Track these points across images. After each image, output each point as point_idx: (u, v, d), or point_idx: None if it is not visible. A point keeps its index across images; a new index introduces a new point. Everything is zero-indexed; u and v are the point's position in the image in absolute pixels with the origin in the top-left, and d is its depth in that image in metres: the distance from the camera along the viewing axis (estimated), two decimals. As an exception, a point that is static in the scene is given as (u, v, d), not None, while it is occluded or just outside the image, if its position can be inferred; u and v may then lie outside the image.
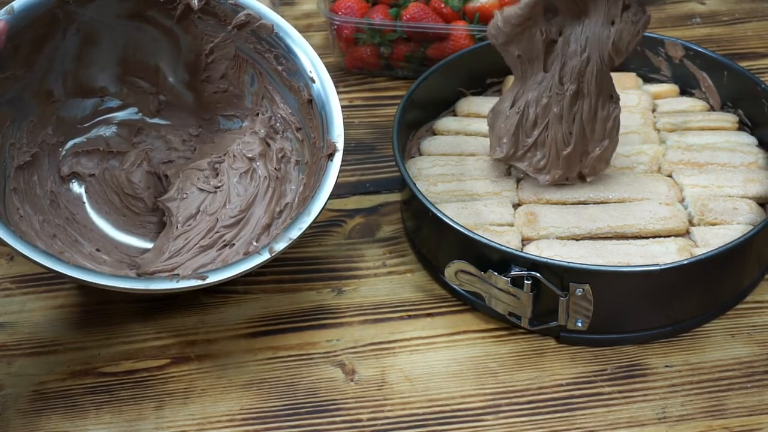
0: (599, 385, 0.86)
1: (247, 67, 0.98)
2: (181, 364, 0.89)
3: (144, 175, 0.98)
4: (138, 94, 1.01)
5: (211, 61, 0.98)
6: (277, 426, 0.83)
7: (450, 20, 1.17)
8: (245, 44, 0.97)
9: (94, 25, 0.94)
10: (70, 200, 0.96)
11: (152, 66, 0.99)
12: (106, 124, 1.00)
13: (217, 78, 0.99)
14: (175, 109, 1.02)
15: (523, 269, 0.85)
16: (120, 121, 1.00)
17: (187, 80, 1.00)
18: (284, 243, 0.83)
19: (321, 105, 0.92)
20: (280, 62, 0.95)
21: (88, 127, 0.99)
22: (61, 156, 0.96)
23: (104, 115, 1.00)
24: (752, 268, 0.93)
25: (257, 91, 0.99)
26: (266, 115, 0.98)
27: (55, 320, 0.93)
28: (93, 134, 0.99)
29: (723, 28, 1.28)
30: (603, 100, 0.94)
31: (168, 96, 1.01)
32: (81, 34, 0.94)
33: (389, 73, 1.21)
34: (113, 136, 1.00)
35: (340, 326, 0.91)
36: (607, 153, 0.95)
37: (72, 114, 0.97)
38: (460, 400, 0.85)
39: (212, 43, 0.97)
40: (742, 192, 0.95)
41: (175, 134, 1.01)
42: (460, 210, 0.94)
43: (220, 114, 1.01)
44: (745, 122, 1.05)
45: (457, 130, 1.05)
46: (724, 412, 0.83)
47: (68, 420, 0.84)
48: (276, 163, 0.96)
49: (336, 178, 0.87)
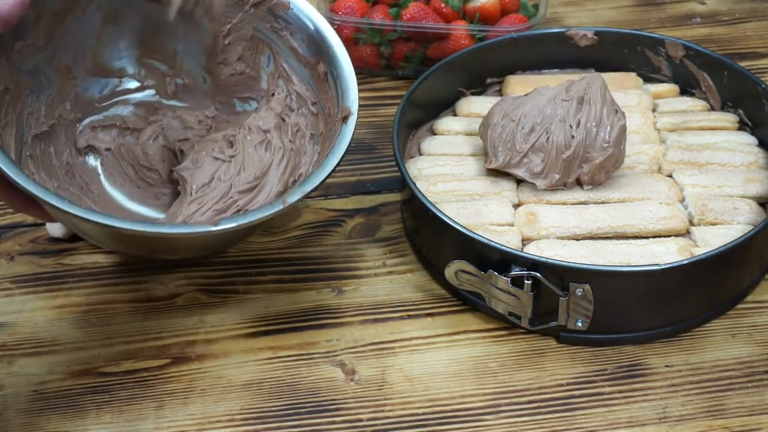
0: (599, 385, 0.86)
1: (264, 48, 0.99)
2: (181, 364, 0.89)
3: (159, 149, 0.99)
4: (156, 77, 1.02)
5: (228, 43, 0.99)
6: (278, 426, 0.83)
7: (450, 20, 1.17)
8: (262, 24, 0.97)
9: (114, 4, 0.96)
10: (86, 172, 0.97)
11: (170, 49, 1.00)
12: (124, 104, 1.01)
13: (233, 60, 1.00)
14: (192, 91, 1.02)
15: (524, 269, 0.85)
16: (137, 101, 1.01)
17: (204, 63, 1.01)
18: (298, 195, 0.83)
19: (336, 76, 0.93)
20: (296, 39, 0.96)
21: (106, 106, 1.00)
22: (78, 131, 0.97)
23: (122, 95, 1.01)
24: (752, 268, 0.93)
25: (273, 72, 0.99)
26: (282, 95, 0.98)
27: (55, 320, 0.93)
28: (111, 113, 1.00)
29: (723, 28, 1.28)
30: (608, 111, 0.94)
31: (185, 79, 1.02)
32: (102, 12, 0.95)
33: (389, 73, 1.21)
34: (130, 115, 1.01)
35: (340, 326, 0.91)
36: (608, 162, 0.94)
37: (90, 93, 0.99)
38: (460, 400, 0.85)
39: (230, 24, 0.98)
40: (742, 192, 0.95)
41: (191, 115, 1.02)
42: (460, 210, 0.94)
43: (236, 97, 1.02)
44: (746, 122, 1.05)
45: (457, 130, 1.05)
46: (725, 412, 0.83)
47: (68, 420, 0.84)
48: (291, 136, 0.96)
49: (351, 139, 0.87)
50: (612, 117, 0.94)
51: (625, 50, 1.11)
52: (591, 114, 0.94)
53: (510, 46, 1.10)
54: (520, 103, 0.97)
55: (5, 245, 1.00)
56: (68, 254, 0.99)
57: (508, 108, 0.97)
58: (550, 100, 0.95)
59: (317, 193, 1.04)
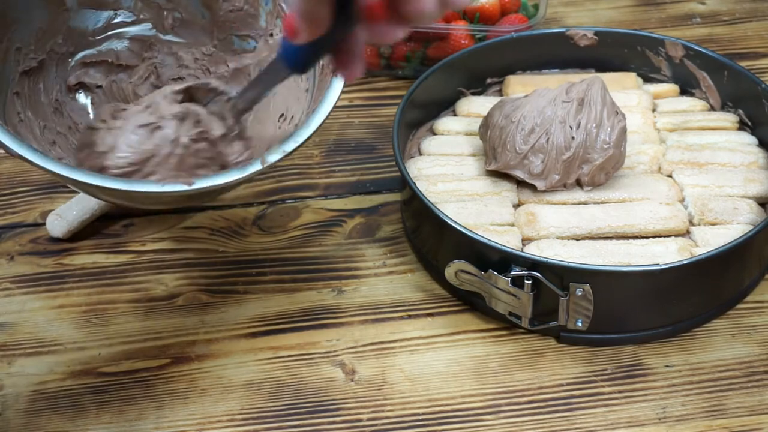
0: (599, 385, 0.86)
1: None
2: (181, 364, 0.89)
3: (151, 89, 0.97)
4: (152, 9, 0.99)
5: None
6: (278, 426, 0.83)
7: (450, 20, 1.17)
8: None
9: None
10: (75, 110, 0.95)
11: None
12: (118, 38, 0.99)
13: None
14: (189, 26, 1.00)
15: (524, 269, 0.85)
16: (133, 35, 0.99)
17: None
18: (278, 155, 0.80)
19: None
20: None
21: (100, 40, 0.98)
22: (69, 66, 0.95)
23: (117, 29, 0.98)
24: (752, 268, 0.93)
25: (272, 11, 0.97)
26: (279, 36, 0.96)
27: (55, 320, 0.93)
28: (104, 47, 0.98)
29: (723, 27, 1.28)
30: (608, 113, 0.94)
31: (183, 13, 1.00)
32: None
33: (389, 73, 1.21)
34: (124, 50, 0.99)
35: (340, 326, 0.91)
36: (608, 163, 0.94)
37: (84, 25, 0.96)
38: (461, 399, 0.85)
39: None
40: (742, 192, 0.95)
41: (187, 52, 1.00)
42: (460, 210, 0.94)
43: (234, 34, 1.00)
44: (746, 122, 1.05)
45: (457, 130, 1.05)
46: (725, 412, 0.83)
47: (68, 420, 0.84)
48: None
49: (339, 94, 0.84)
50: (612, 118, 0.94)
51: (625, 50, 1.11)
52: (591, 115, 0.94)
53: (510, 46, 1.10)
54: (519, 104, 0.97)
55: (5, 245, 1.00)
56: (68, 254, 0.99)
57: (508, 109, 0.97)
58: (550, 102, 0.95)
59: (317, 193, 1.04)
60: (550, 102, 0.95)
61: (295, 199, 1.05)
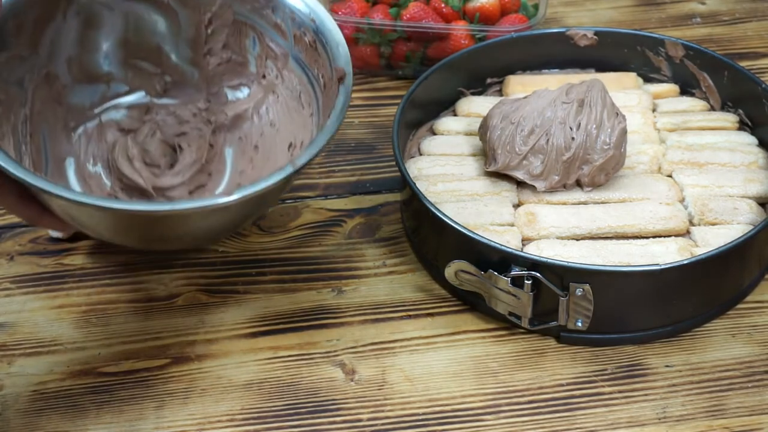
0: (599, 385, 0.86)
1: (248, 30, 0.98)
2: (181, 364, 0.89)
3: (159, 144, 0.98)
4: (143, 77, 1.01)
5: (211, 33, 0.98)
6: (278, 426, 0.83)
7: (450, 20, 1.17)
8: (242, 6, 0.96)
9: (92, 6, 0.95)
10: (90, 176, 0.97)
11: (154, 46, 1.00)
12: (116, 108, 1.00)
13: (219, 49, 0.99)
14: (181, 87, 1.02)
15: (524, 269, 0.85)
16: (129, 104, 1.01)
17: (190, 56, 1.00)
18: (306, 157, 0.81)
19: (324, 42, 0.91)
20: (278, 15, 0.95)
21: (98, 113, 0.99)
22: (73, 140, 0.97)
23: (113, 100, 1.00)
24: (752, 268, 0.93)
25: (261, 54, 0.98)
26: (272, 75, 0.98)
27: (55, 320, 0.93)
28: (104, 118, 0.99)
29: (723, 27, 1.28)
30: (609, 114, 0.94)
31: (173, 75, 1.01)
32: (81, 17, 0.95)
33: (389, 73, 1.21)
34: (124, 118, 1.00)
35: (340, 326, 0.91)
36: (609, 164, 0.94)
37: (81, 101, 0.98)
38: (461, 399, 0.85)
39: (210, 12, 0.97)
40: (742, 192, 0.95)
41: (185, 110, 1.01)
42: (460, 210, 0.94)
43: (226, 85, 1.01)
44: (746, 122, 1.05)
45: (457, 130, 1.05)
46: (725, 412, 0.83)
47: (68, 420, 0.84)
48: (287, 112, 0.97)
49: (349, 98, 0.86)
50: (612, 119, 0.94)
51: (625, 50, 1.11)
52: (591, 116, 0.94)
53: (510, 46, 1.10)
54: (519, 105, 0.97)
55: (5, 245, 1.00)
56: (68, 254, 0.99)
57: (507, 110, 0.97)
58: (549, 103, 0.95)
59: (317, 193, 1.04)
60: (550, 103, 0.95)
61: (294, 199, 1.05)
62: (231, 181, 0.97)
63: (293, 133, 0.95)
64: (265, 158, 0.97)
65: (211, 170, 0.98)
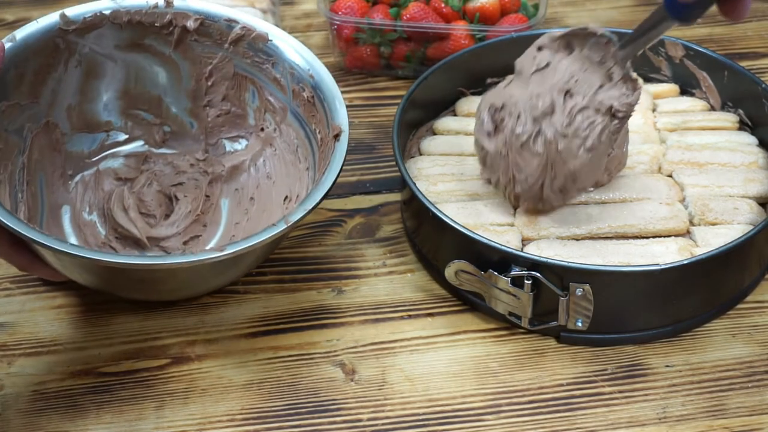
0: (600, 385, 0.86)
1: (247, 84, 0.99)
2: (181, 364, 0.89)
3: (155, 194, 0.98)
4: (142, 127, 1.02)
5: (211, 84, 0.99)
6: (278, 426, 0.83)
7: (450, 20, 1.17)
8: (242, 60, 0.98)
9: (94, 57, 0.97)
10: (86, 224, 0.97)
11: (154, 97, 1.00)
12: (114, 157, 1.01)
13: (218, 101, 1.00)
14: (180, 137, 1.02)
15: (524, 269, 0.85)
16: (127, 153, 1.01)
17: (190, 108, 1.01)
18: (300, 213, 0.82)
19: (322, 98, 0.92)
20: (278, 69, 0.96)
21: (96, 161, 1.00)
22: (70, 188, 0.97)
23: (111, 149, 1.01)
24: (753, 268, 0.93)
25: (259, 107, 0.99)
26: (270, 128, 0.98)
27: (55, 320, 0.93)
28: (101, 167, 1.00)
29: (723, 27, 1.28)
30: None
31: (172, 126, 1.02)
32: (83, 67, 0.96)
33: (389, 73, 1.21)
34: (121, 167, 1.01)
35: (340, 326, 0.91)
36: (611, 164, 0.94)
37: (79, 149, 0.99)
38: (461, 400, 0.85)
39: (211, 65, 0.98)
40: (742, 192, 0.95)
41: (182, 160, 1.02)
42: (460, 210, 0.94)
43: (224, 137, 1.02)
44: (746, 122, 1.05)
45: (457, 130, 1.05)
46: (725, 412, 0.83)
47: (68, 420, 0.84)
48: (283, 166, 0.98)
49: (345, 155, 0.87)
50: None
51: (625, 50, 1.11)
52: None
53: (510, 46, 1.10)
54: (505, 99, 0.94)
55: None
56: (68, 254, 0.99)
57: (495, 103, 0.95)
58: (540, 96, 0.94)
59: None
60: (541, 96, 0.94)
61: (295, 199, 1.05)
62: (226, 232, 0.97)
63: (289, 186, 0.96)
64: (261, 210, 0.97)
65: (206, 221, 0.97)
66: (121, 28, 0.96)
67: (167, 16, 0.96)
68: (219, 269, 0.85)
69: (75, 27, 0.94)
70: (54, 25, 0.93)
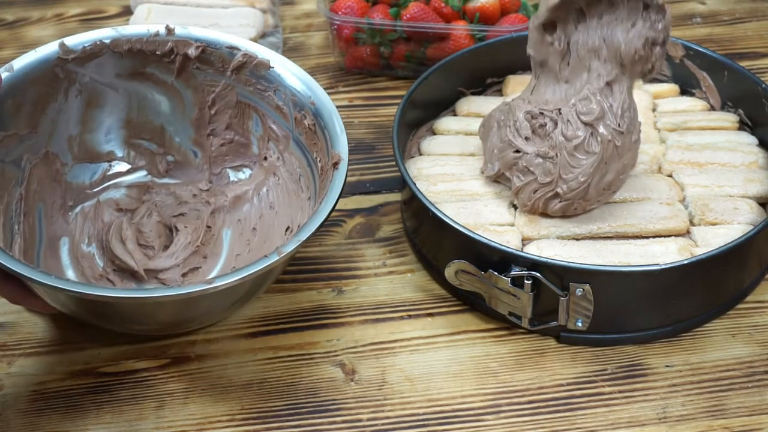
0: (600, 385, 0.86)
1: (250, 112, 0.98)
2: (181, 364, 0.89)
3: (155, 225, 0.96)
4: (145, 157, 1.01)
5: (214, 113, 0.98)
6: (278, 426, 0.83)
7: (450, 20, 1.17)
8: (245, 88, 0.96)
9: (95, 86, 0.95)
10: (84, 256, 0.95)
11: (157, 126, 0.99)
12: (116, 187, 0.99)
13: (222, 129, 0.99)
14: (183, 167, 1.01)
15: (524, 269, 0.85)
16: (129, 183, 1.00)
17: (193, 137, 1.00)
18: (294, 244, 0.80)
19: (323, 126, 0.91)
20: (280, 96, 0.95)
21: (97, 191, 0.99)
22: (70, 220, 0.95)
23: (113, 179, 1.00)
24: (753, 268, 0.93)
25: (263, 135, 0.98)
26: (274, 157, 0.97)
27: (55, 320, 0.92)
28: (102, 197, 0.98)
29: (723, 27, 1.28)
30: None
31: (175, 155, 1.01)
32: (84, 97, 0.95)
33: (389, 73, 1.21)
34: (123, 197, 0.99)
35: (340, 326, 0.91)
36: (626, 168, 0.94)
37: (80, 179, 0.98)
38: (461, 400, 0.85)
39: (214, 93, 0.97)
40: (742, 192, 0.95)
41: (185, 190, 1.00)
42: (460, 210, 0.94)
43: (228, 167, 1.00)
44: (746, 122, 1.05)
45: (457, 130, 1.05)
46: (725, 412, 0.83)
47: (68, 420, 0.84)
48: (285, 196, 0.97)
49: (342, 184, 0.85)
50: None
51: (625, 50, 1.11)
52: None
53: (510, 46, 1.10)
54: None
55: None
56: (68, 254, 0.99)
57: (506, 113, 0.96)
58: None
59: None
60: None
61: (295, 199, 1.05)
62: (226, 264, 0.95)
63: (291, 216, 0.95)
64: (263, 241, 0.95)
65: (206, 252, 0.95)
66: (121, 57, 0.95)
67: (168, 44, 0.95)
68: (215, 301, 0.83)
69: (74, 56, 0.93)
70: (53, 55, 0.92)
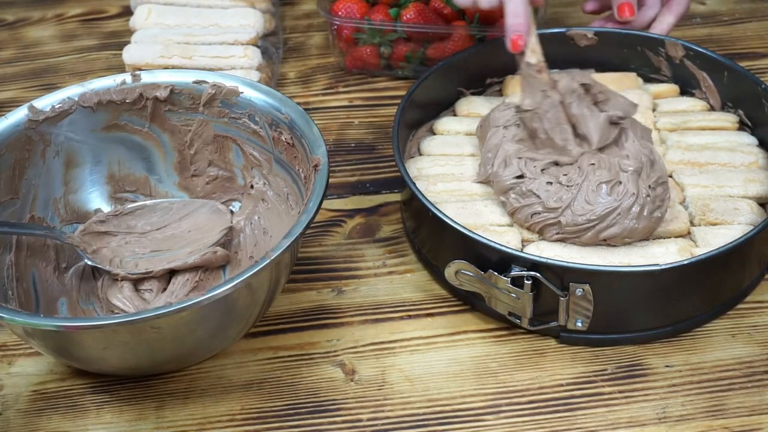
0: (600, 385, 0.86)
1: (229, 144, 0.97)
2: (181, 364, 0.89)
3: None
4: None
5: (194, 153, 0.98)
6: (278, 426, 0.83)
7: (450, 20, 1.17)
8: (219, 120, 0.96)
9: (72, 145, 0.95)
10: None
11: (141, 177, 0.99)
12: None
13: (204, 168, 0.98)
14: None
15: (524, 269, 0.85)
16: None
17: (178, 181, 0.99)
18: (280, 249, 0.80)
19: (300, 136, 0.90)
20: (254, 120, 0.94)
21: None
22: (66, 281, 0.94)
23: None
24: (753, 268, 0.93)
25: (245, 164, 0.97)
26: (260, 183, 0.97)
27: (55, 320, 0.92)
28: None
29: (723, 28, 1.28)
30: None
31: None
32: (62, 157, 0.94)
33: (389, 73, 1.21)
34: None
35: (340, 326, 0.91)
36: None
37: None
38: (461, 400, 0.85)
39: (190, 132, 0.97)
40: (742, 192, 0.95)
41: None
42: (460, 210, 0.94)
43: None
44: (746, 122, 1.05)
45: (457, 130, 1.05)
46: (725, 412, 0.83)
47: (69, 420, 0.84)
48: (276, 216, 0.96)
49: (324, 184, 0.84)
50: None
51: (625, 50, 1.11)
52: None
53: (510, 46, 1.10)
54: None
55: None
56: (68, 254, 0.99)
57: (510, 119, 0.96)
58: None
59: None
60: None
61: (295, 199, 1.05)
62: None
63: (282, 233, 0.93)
64: (258, 254, 0.94)
65: (206, 287, 0.93)
66: (93, 111, 0.94)
67: (137, 91, 0.94)
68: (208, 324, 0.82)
69: (45, 117, 0.92)
70: (23, 119, 0.92)
